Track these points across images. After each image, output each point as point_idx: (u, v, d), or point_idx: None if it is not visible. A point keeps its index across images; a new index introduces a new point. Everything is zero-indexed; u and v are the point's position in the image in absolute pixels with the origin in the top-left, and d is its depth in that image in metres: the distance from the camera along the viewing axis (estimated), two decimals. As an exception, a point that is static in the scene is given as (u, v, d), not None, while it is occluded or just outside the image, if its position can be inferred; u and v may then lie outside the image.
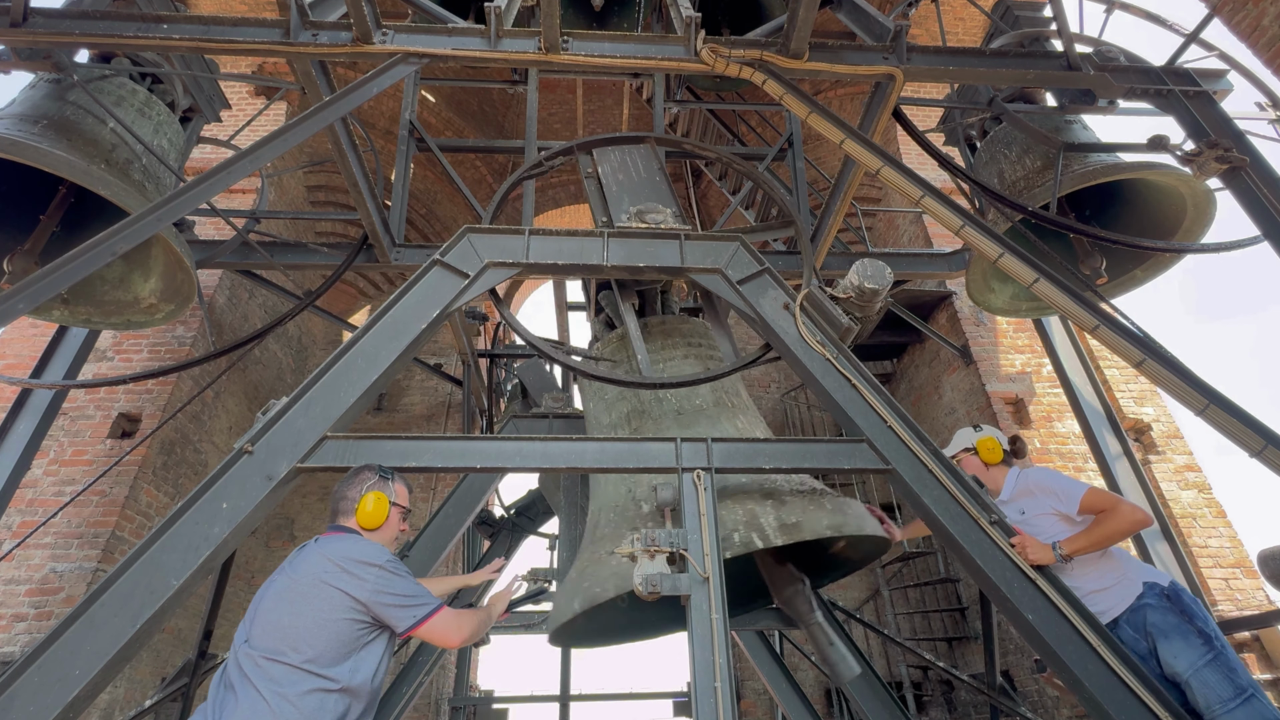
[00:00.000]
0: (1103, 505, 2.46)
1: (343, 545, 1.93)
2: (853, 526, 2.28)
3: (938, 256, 5.45)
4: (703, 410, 2.74)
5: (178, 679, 3.01)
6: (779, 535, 2.16)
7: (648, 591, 1.94)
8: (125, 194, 3.39)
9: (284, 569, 1.93)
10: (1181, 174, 3.59)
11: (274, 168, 7.03)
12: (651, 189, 3.06)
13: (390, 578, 1.89)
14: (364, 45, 3.27)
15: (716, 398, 2.81)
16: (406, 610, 1.88)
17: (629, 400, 2.86)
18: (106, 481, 4.83)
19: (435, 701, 7.12)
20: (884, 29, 3.55)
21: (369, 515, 2.06)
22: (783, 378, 9.22)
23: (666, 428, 2.67)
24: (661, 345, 3.02)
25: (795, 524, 2.20)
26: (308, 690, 1.70)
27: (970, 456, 2.91)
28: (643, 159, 3.18)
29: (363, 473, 2.14)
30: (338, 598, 1.82)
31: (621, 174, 3.11)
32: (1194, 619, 2.27)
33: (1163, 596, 2.34)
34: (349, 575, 1.85)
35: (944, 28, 5.38)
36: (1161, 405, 5.93)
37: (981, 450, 2.87)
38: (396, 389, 8.99)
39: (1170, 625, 2.28)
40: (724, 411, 2.76)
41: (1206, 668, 2.17)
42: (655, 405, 2.78)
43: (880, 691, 3.29)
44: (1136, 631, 2.35)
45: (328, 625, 1.79)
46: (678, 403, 2.76)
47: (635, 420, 2.79)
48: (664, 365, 2.93)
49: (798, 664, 6.82)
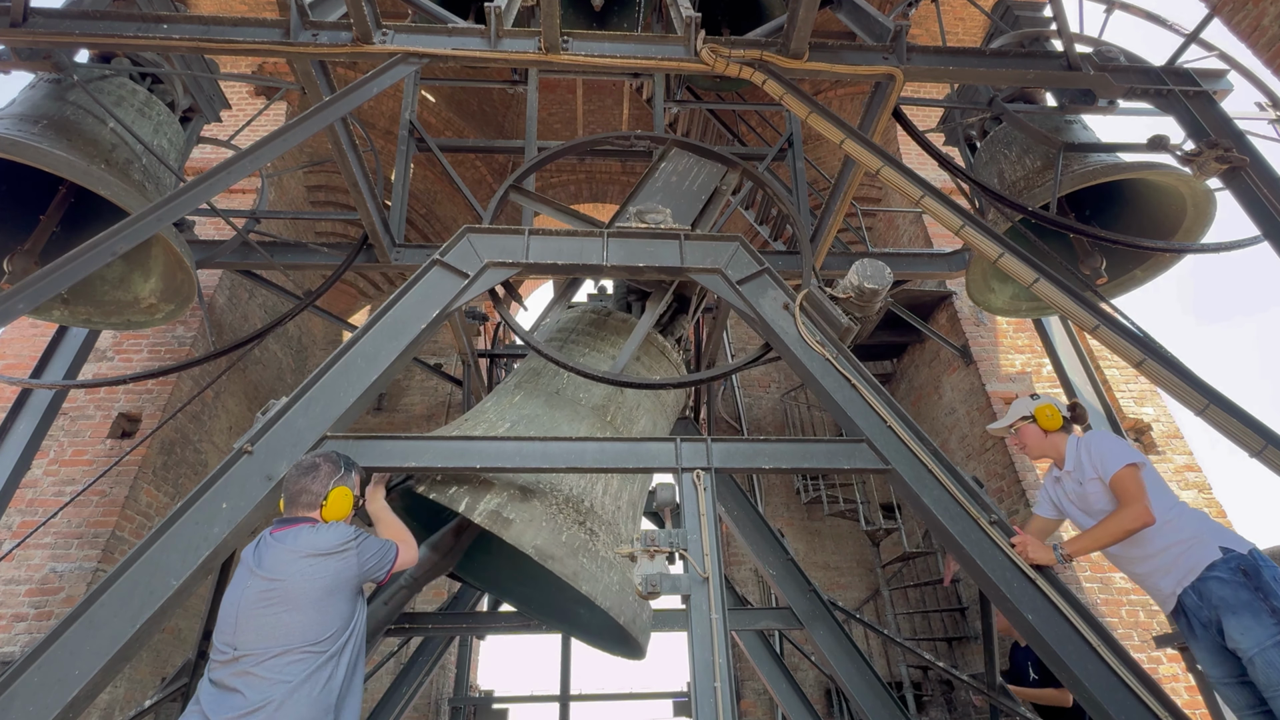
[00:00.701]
0: (1122, 496, 2.38)
1: (316, 537, 1.97)
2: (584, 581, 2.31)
3: (938, 256, 5.45)
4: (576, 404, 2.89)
5: (178, 679, 3.01)
6: (489, 520, 2.29)
7: (647, 591, 1.94)
8: (125, 194, 3.39)
9: (251, 571, 1.92)
10: (1181, 174, 3.59)
11: (274, 168, 7.03)
12: (687, 201, 3.09)
13: (365, 545, 2.03)
14: (364, 45, 3.27)
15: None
16: (383, 564, 2.07)
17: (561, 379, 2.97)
18: (106, 481, 4.83)
19: (435, 701, 7.12)
20: (884, 29, 3.55)
21: (335, 510, 2.07)
22: (783, 378, 9.21)
23: (582, 416, 2.79)
24: (613, 343, 3.12)
25: (512, 523, 2.31)
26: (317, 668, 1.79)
27: (1029, 425, 2.79)
28: (706, 177, 3.20)
29: (324, 465, 2.10)
30: (334, 582, 1.91)
31: (675, 178, 3.15)
32: (1270, 597, 2.15)
33: (1237, 571, 2.22)
34: (338, 559, 1.94)
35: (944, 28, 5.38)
36: (1161, 405, 5.93)
37: (1040, 417, 2.74)
38: (396, 389, 8.98)
39: (1241, 601, 2.17)
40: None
41: (1274, 648, 2.08)
42: (572, 389, 2.92)
43: (880, 691, 3.29)
44: (1201, 599, 2.26)
45: (328, 609, 1.88)
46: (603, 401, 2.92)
47: (552, 400, 2.91)
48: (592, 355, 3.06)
49: (798, 664, 6.82)
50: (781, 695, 3.87)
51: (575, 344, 3.14)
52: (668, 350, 3.26)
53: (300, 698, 1.73)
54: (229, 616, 1.86)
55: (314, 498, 2.06)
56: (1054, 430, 2.73)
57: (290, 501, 2.07)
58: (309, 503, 2.05)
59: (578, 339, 3.17)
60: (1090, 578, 5.13)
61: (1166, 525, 2.37)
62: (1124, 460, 2.44)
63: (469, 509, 2.30)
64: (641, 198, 3.04)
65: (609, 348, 3.10)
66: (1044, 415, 2.74)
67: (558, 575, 2.25)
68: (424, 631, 3.95)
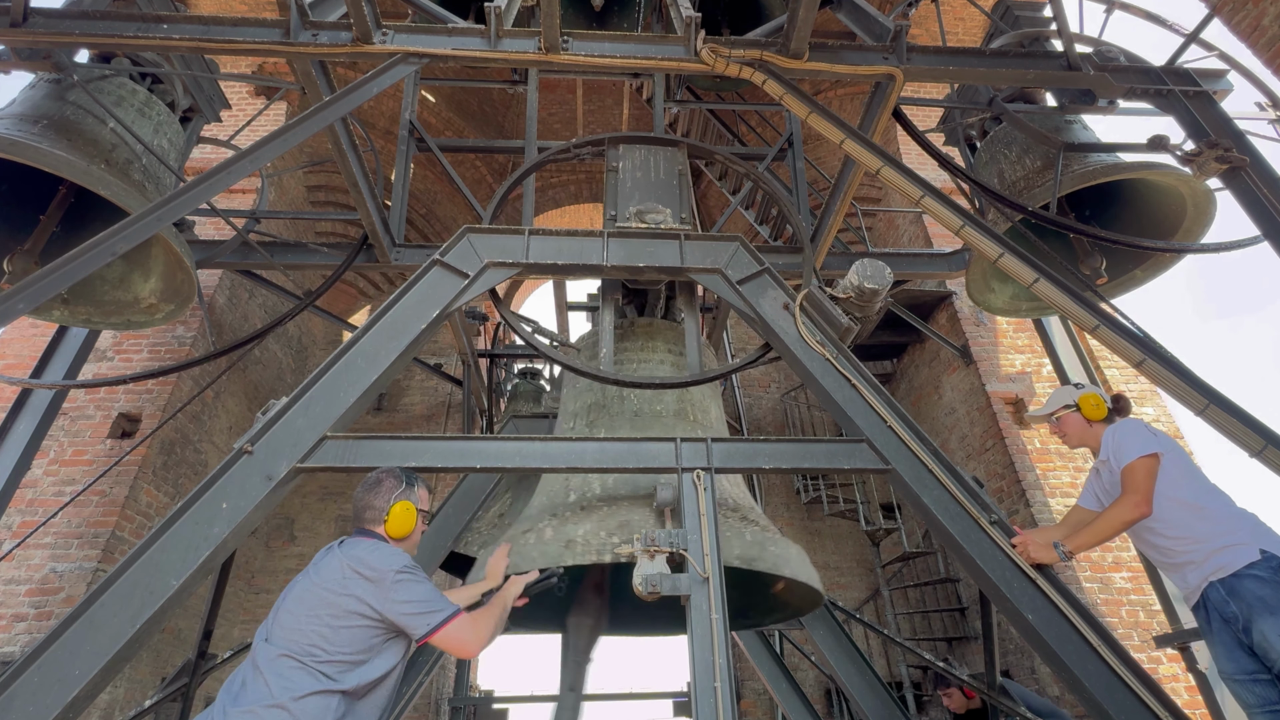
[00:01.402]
0: (1125, 486, 2.36)
1: (362, 550, 1.90)
2: (767, 563, 2.25)
3: (938, 256, 5.45)
4: (660, 416, 2.76)
5: (178, 679, 3.01)
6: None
7: (647, 591, 1.94)
8: (125, 194, 3.39)
9: (308, 570, 1.92)
10: (1181, 174, 3.59)
11: (274, 168, 7.03)
12: (665, 191, 3.06)
13: (407, 584, 1.86)
14: (364, 45, 3.27)
15: (680, 409, 2.83)
16: (422, 617, 1.85)
17: (595, 393, 2.90)
18: (106, 481, 4.83)
19: (435, 701, 7.12)
20: (884, 29, 3.55)
21: (398, 525, 2.04)
22: (783, 378, 9.22)
23: (619, 426, 2.71)
24: (642, 346, 3.05)
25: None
26: (311, 693, 1.70)
27: (1071, 414, 2.74)
28: (666, 162, 3.18)
29: (386, 480, 2.09)
30: (353, 603, 1.81)
31: (639, 172, 3.12)
32: None
33: (1278, 570, 2.16)
34: (366, 581, 1.83)
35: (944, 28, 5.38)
36: (1162, 405, 5.93)
37: (1085, 406, 2.68)
38: (396, 389, 8.98)
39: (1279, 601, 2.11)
40: (682, 423, 2.77)
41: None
42: (616, 403, 2.82)
43: (880, 691, 3.29)
44: (1230, 595, 2.20)
45: (342, 630, 1.78)
46: (638, 404, 2.80)
47: (594, 413, 2.83)
48: (638, 366, 2.96)
49: (798, 664, 6.82)
50: (781, 695, 3.88)
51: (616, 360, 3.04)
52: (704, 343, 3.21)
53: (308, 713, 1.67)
54: (275, 605, 1.88)
55: (377, 513, 2.04)
56: (1097, 420, 2.68)
57: (356, 517, 2.08)
58: (373, 518, 2.05)
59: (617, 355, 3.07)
60: (1090, 578, 5.13)
61: (1203, 514, 2.31)
62: (1139, 451, 2.40)
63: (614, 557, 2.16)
64: (621, 200, 3.01)
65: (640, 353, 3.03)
66: (1089, 404, 2.68)
67: (766, 572, 2.23)
68: (424, 631, 3.94)
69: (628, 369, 2.91)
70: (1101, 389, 2.80)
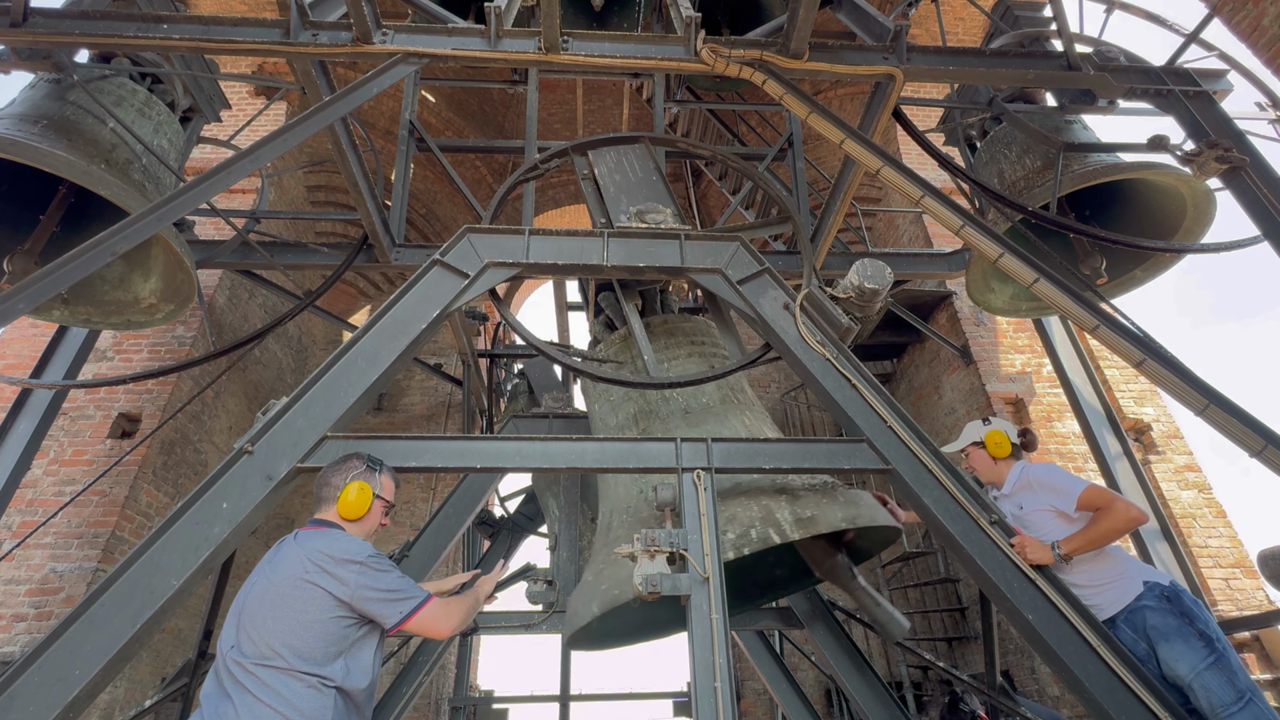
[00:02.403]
0: (1099, 503, 2.43)
1: (321, 542, 1.88)
2: (865, 518, 2.30)
3: (938, 256, 5.45)
4: (710, 408, 2.75)
5: (178, 679, 3.01)
6: (795, 530, 2.18)
7: (648, 591, 1.94)
8: (125, 194, 3.39)
9: (263, 569, 1.88)
10: (1181, 174, 3.59)
11: (274, 168, 7.03)
12: (649, 189, 3.06)
13: (373, 573, 1.85)
14: (364, 45, 3.27)
15: (723, 395, 2.82)
16: (393, 605, 1.85)
17: (635, 401, 2.86)
18: (106, 481, 4.83)
19: (435, 701, 7.12)
20: (884, 29, 3.55)
21: (350, 505, 2.01)
22: (783, 378, 9.22)
23: (675, 427, 2.67)
24: (665, 345, 3.03)
25: (810, 518, 2.22)
26: (304, 689, 1.69)
27: (978, 450, 2.85)
28: (639, 159, 3.18)
29: (350, 460, 2.09)
30: (321, 597, 1.78)
31: (619, 175, 3.10)
32: (1195, 621, 2.24)
33: (1163, 598, 2.31)
34: (329, 575, 1.81)
35: (944, 28, 5.38)
36: (1161, 405, 5.93)
37: (989, 444, 2.79)
38: (396, 389, 8.98)
39: (1171, 628, 2.24)
40: (731, 409, 2.77)
41: (1208, 671, 2.14)
42: (662, 405, 2.79)
43: (880, 691, 3.29)
44: (1135, 632, 2.32)
45: (314, 625, 1.76)
46: (685, 401, 2.77)
47: (643, 421, 2.79)
48: (668, 365, 2.94)
49: (798, 664, 6.82)
50: (781, 695, 3.87)
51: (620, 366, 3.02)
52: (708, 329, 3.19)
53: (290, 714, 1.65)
54: (235, 609, 1.83)
55: (333, 490, 2.03)
56: (1002, 458, 2.80)
57: (316, 498, 2.06)
58: (328, 496, 2.03)
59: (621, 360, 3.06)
60: (1090, 578, 5.12)
61: (1093, 565, 2.42)
62: (1080, 482, 2.52)
63: (779, 535, 2.17)
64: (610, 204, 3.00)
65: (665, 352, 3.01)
66: (992, 442, 2.80)
67: (865, 525, 2.27)
68: (424, 631, 3.94)
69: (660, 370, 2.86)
70: (1010, 425, 2.89)
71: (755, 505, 2.28)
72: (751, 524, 2.20)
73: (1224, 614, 4.65)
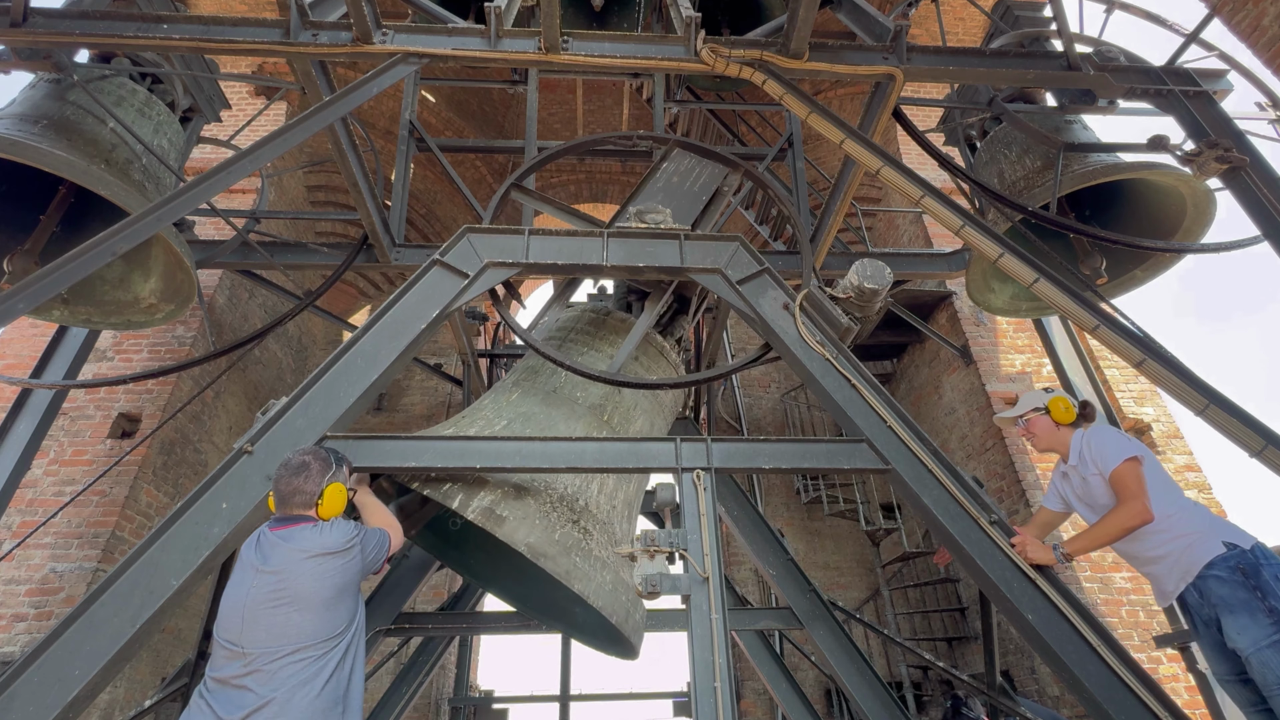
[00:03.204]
0: (1122, 493, 2.37)
1: (323, 537, 1.96)
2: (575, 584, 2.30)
3: (938, 256, 5.45)
4: (599, 408, 2.91)
5: (178, 679, 3.01)
6: (481, 516, 2.30)
7: (648, 591, 1.94)
8: (125, 194, 3.39)
9: (257, 569, 1.88)
10: (1181, 174, 3.59)
11: (274, 168, 7.03)
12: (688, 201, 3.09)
13: (366, 539, 2.03)
14: (364, 45, 3.27)
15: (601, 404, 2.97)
16: (381, 554, 2.08)
17: (559, 376, 2.98)
18: (106, 481, 4.83)
19: (435, 701, 7.12)
20: (884, 29, 3.55)
21: (331, 508, 2.04)
22: (783, 378, 9.21)
23: (580, 415, 2.80)
24: (612, 342, 3.13)
25: (505, 519, 2.33)
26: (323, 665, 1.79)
27: (1040, 417, 2.74)
28: (708, 178, 3.20)
29: (313, 463, 2.05)
30: (343, 580, 1.91)
31: (676, 178, 3.15)
32: (1269, 596, 2.12)
33: (1236, 570, 2.20)
34: (345, 557, 1.94)
35: (944, 28, 5.38)
36: (1161, 405, 5.93)
37: (1054, 410, 2.69)
38: (396, 389, 8.98)
39: (1239, 600, 2.15)
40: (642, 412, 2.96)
41: (1270, 648, 2.07)
42: (569, 388, 2.92)
43: (880, 691, 3.29)
44: (1202, 598, 2.26)
45: (337, 608, 1.88)
46: (600, 399, 2.94)
47: (551, 397, 2.92)
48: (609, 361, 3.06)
49: (798, 664, 6.82)
50: (781, 695, 3.87)
51: (574, 343, 3.15)
52: (666, 350, 3.26)
53: (309, 693, 1.74)
54: (234, 614, 1.84)
55: (308, 497, 2.02)
56: (1065, 424, 2.70)
57: (282, 501, 2.01)
58: (304, 502, 2.01)
59: (576, 338, 3.18)
60: (1090, 578, 5.13)
61: (1169, 521, 2.35)
62: (1123, 454, 2.42)
63: (463, 506, 2.30)
64: (643, 198, 3.04)
65: (608, 347, 3.10)
66: (1058, 408, 2.70)
67: (549, 573, 2.24)
68: (424, 631, 3.95)
69: (577, 354, 3.07)
70: (1068, 394, 2.82)
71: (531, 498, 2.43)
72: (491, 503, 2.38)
73: (1224, 614, 4.64)
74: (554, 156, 3.21)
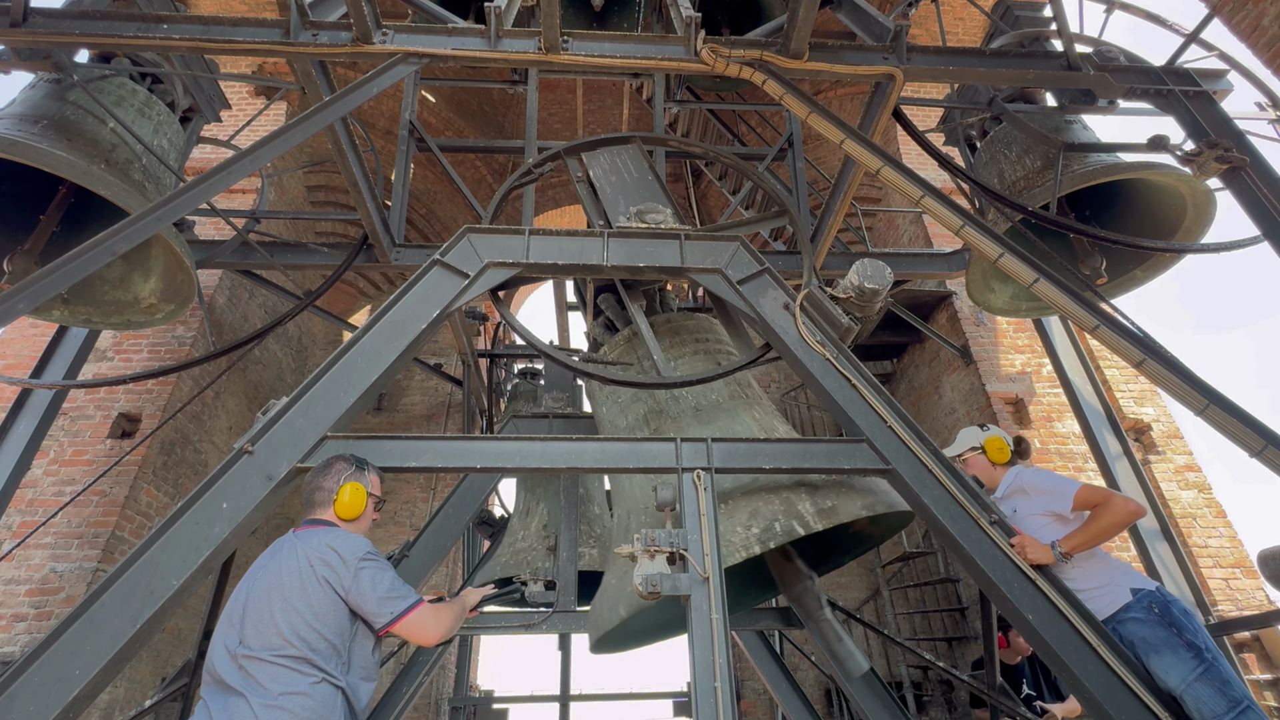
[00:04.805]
0: (1095, 500, 2.43)
1: (325, 538, 1.92)
2: (883, 504, 2.33)
3: (938, 256, 5.45)
4: (720, 405, 2.75)
5: (178, 679, 3.01)
6: (818, 520, 2.20)
7: (647, 591, 1.94)
8: (125, 194, 3.39)
9: (265, 565, 1.91)
10: (1181, 174, 3.59)
11: (274, 168, 7.03)
12: (646, 189, 3.06)
13: (370, 570, 1.89)
14: (364, 45, 3.27)
15: (731, 391, 2.83)
16: (386, 603, 1.87)
17: (645, 402, 2.86)
18: (106, 481, 4.83)
19: (435, 701, 7.12)
20: (884, 29, 3.55)
21: (347, 506, 2.04)
22: (783, 378, 9.21)
23: (687, 425, 2.68)
24: (670, 344, 3.03)
25: (832, 508, 2.25)
26: (316, 682, 1.73)
27: (977, 456, 2.86)
28: (633, 160, 3.18)
29: (336, 463, 2.11)
30: (326, 590, 1.83)
31: (614, 176, 3.11)
32: (1184, 631, 2.20)
33: (1150, 609, 2.27)
34: (332, 569, 1.85)
35: (944, 28, 5.38)
36: (1161, 405, 5.92)
37: (990, 449, 2.82)
38: (396, 389, 8.98)
39: (1159, 639, 2.21)
40: (740, 405, 2.78)
41: (1198, 682, 2.10)
42: (672, 404, 2.79)
43: (880, 691, 3.29)
44: (1122, 643, 2.26)
45: (322, 618, 1.79)
46: (694, 400, 2.78)
47: (654, 420, 2.79)
48: (675, 364, 2.95)
49: (798, 664, 6.82)
50: (781, 695, 3.87)
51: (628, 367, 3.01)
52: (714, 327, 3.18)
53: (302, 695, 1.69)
54: (237, 606, 1.85)
55: (326, 494, 2.05)
56: (1000, 464, 2.82)
57: (308, 503, 2.07)
58: (322, 500, 2.05)
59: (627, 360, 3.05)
60: (1090, 578, 5.12)
61: (1081, 569, 2.41)
62: (1073, 483, 2.53)
63: (803, 527, 2.17)
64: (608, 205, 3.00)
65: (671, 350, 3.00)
66: (994, 448, 2.83)
67: (883, 512, 2.31)
68: (424, 631, 3.94)
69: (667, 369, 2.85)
70: (1004, 433, 2.90)
71: (776, 499, 2.30)
72: (775, 518, 2.22)
73: (1224, 614, 4.64)
74: (554, 157, 3.21)
